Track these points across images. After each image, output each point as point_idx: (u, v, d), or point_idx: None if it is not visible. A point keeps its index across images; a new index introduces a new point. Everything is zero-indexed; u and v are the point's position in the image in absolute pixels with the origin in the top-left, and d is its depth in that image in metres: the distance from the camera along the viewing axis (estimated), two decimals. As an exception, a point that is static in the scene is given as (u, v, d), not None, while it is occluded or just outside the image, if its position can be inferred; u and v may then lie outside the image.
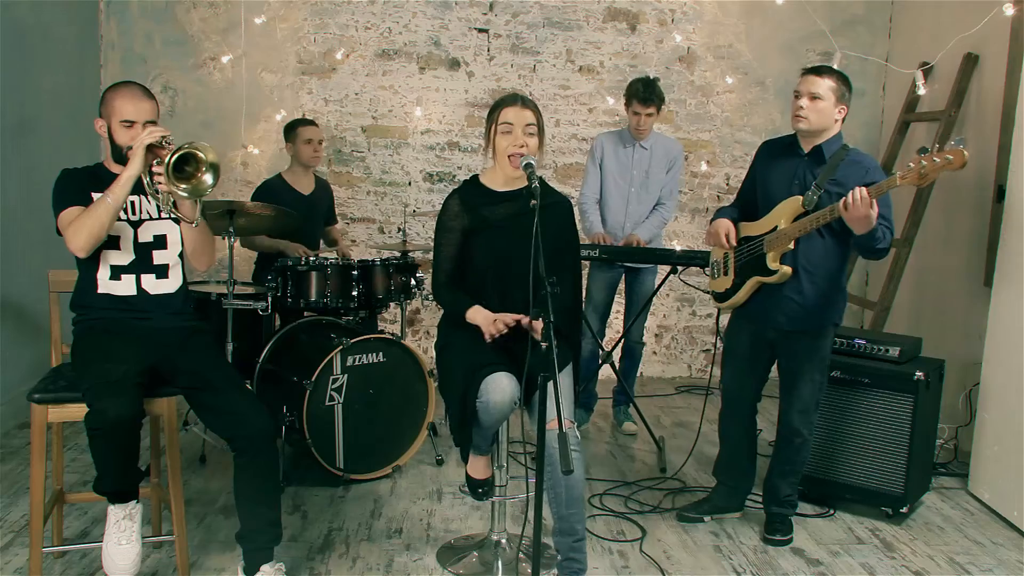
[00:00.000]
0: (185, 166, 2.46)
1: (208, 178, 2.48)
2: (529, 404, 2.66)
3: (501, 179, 2.78)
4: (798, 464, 3.17)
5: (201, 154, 2.46)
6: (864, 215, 2.67)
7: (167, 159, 2.40)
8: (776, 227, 2.99)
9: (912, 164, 2.62)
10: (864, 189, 2.66)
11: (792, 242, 2.95)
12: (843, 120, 3.00)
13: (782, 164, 3.06)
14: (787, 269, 2.97)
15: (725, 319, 3.48)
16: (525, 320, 2.61)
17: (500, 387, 2.51)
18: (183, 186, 2.45)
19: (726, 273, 3.21)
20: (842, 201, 2.71)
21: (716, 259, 3.29)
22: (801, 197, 2.93)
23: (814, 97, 2.92)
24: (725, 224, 3.11)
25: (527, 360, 2.32)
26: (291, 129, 4.32)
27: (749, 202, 3.18)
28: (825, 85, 2.93)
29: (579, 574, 2.62)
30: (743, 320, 3.19)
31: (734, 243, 3.10)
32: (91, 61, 5.01)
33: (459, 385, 2.59)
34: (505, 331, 2.64)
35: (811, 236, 2.94)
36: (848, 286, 5.17)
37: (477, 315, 2.69)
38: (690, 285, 4.16)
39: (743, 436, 3.28)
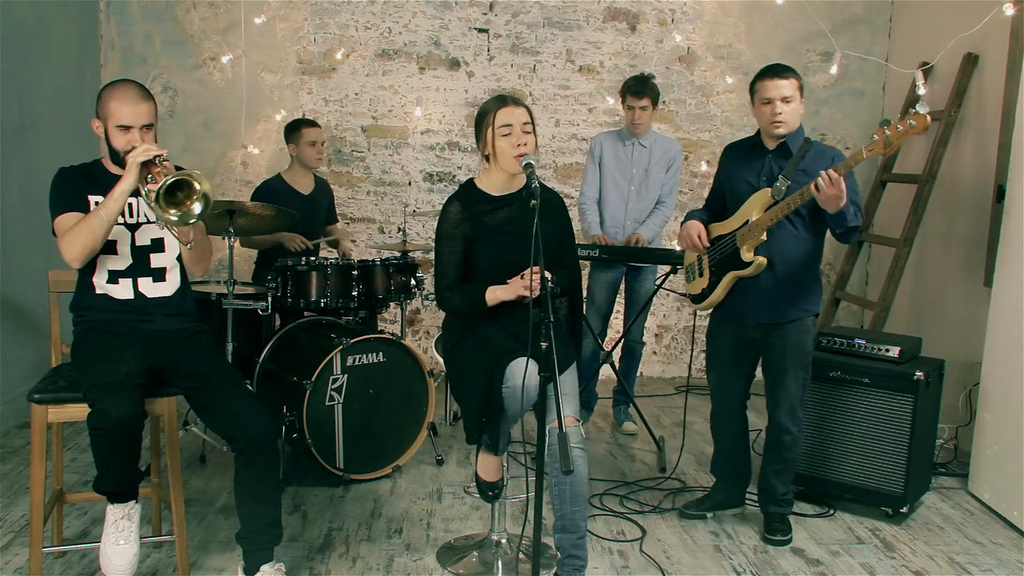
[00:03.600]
0: (178, 191, 2.42)
1: (197, 207, 2.42)
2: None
3: (499, 183, 2.75)
4: (791, 462, 3.18)
5: (197, 184, 2.41)
6: (836, 193, 2.73)
7: (159, 188, 2.36)
8: (748, 221, 3.03)
9: (876, 136, 2.68)
10: (833, 169, 2.73)
11: (764, 233, 2.98)
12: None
13: (748, 163, 3.10)
14: (762, 259, 3.00)
15: (702, 322, 3.49)
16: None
17: (528, 371, 2.49)
18: (172, 211, 2.41)
19: (701, 274, 3.25)
20: (813, 183, 2.76)
21: (690, 262, 3.33)
22: (770, 188, 2.97)
23: (786, 100, 2.95)
24: (696, 225, 3.15)
25: (528, 341, 2.29)
26: (294, 130, 4.31)
27: (718, 206, 3.22)
28: (794, 86, 2.97)
29: (581, 571, 2.64)
30: (723, 320, 3.22)
31: (707, 243, 3.14)
32: (91, 61, 5.01)
33: (481, 376, 2.56)
34: (526, 282, 2.58)
35: (782, 226, 2.98)
36: (848, 286, 5.23)
37: (496, 292, 2.65)
38: (669, 290, 4.15)
39: (736, 435, 3.30)
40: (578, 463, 2.52)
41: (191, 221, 2.43)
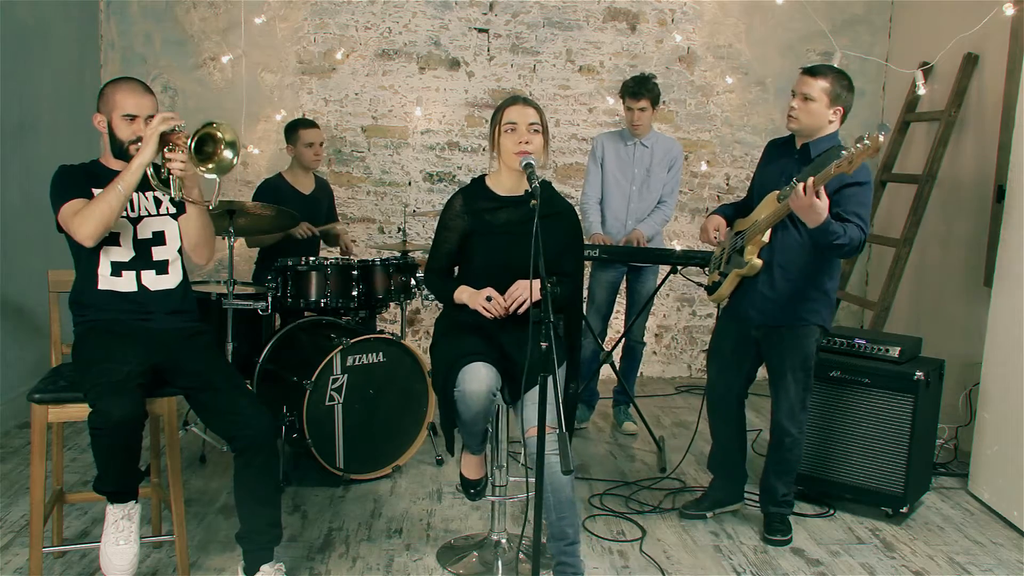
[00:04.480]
0: (204, 147, 2.47)
1: (228, 153, 2.48)
2: (515, 404, 2.65)
3: (507, 183, 2.76)
4: (792, 463, 3.18)
5: (219, 133, 2.47)
6: (806, 205, 2.68)
7: (189, 143, 2.40)
8: (756, 221, 3.03)
9: (844, 152, 2.62)
10: (810, 180, 2.67)
11: (767, 235, 2.98)
12: (841, 120, 2.98)
13: (777, 162, 3.10)
14: (757, 261, 3.01)
15: (702, 321, 3.52)
16: (517, 297, 2.63)
17: (477, 376, 2.51)
18: (208, 165, 2.46)
19: (718, 266, 3.27)
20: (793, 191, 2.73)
21: (716, 256, 3.34)
22: (778, 191, 2.94)
23: (806, 98, 2.93)
24: (715, 219, 3.17)
25: (527, 359, 2.29)
26: (292, 131, 4.31)
27: (750, 201, 3.21)
28: (818, 86, 2.92)
29: None
30: (728, 318, 3.24)
31: (721, 238, 3.15)
32: (91, 61, 5.01)
33: (439, 377, 2.63)
34: (494, 306, 2.62)
35: (787, 231, 2.96)
36: (848, 286, 5.23)
37: (463, 294, 2.72)
38: (692, 281, 4.19)
39: (732, 433, 3.31)
40: (557, 469, 2.47)
41: (228, 168, 2.48)
